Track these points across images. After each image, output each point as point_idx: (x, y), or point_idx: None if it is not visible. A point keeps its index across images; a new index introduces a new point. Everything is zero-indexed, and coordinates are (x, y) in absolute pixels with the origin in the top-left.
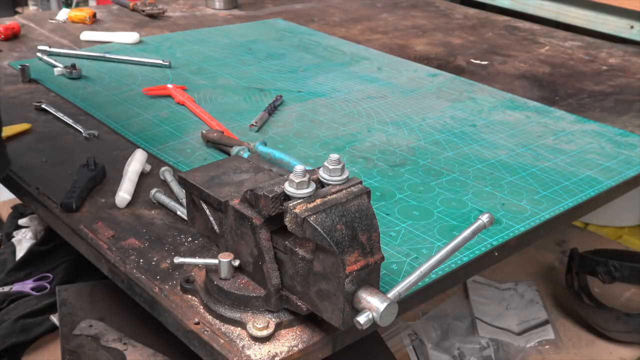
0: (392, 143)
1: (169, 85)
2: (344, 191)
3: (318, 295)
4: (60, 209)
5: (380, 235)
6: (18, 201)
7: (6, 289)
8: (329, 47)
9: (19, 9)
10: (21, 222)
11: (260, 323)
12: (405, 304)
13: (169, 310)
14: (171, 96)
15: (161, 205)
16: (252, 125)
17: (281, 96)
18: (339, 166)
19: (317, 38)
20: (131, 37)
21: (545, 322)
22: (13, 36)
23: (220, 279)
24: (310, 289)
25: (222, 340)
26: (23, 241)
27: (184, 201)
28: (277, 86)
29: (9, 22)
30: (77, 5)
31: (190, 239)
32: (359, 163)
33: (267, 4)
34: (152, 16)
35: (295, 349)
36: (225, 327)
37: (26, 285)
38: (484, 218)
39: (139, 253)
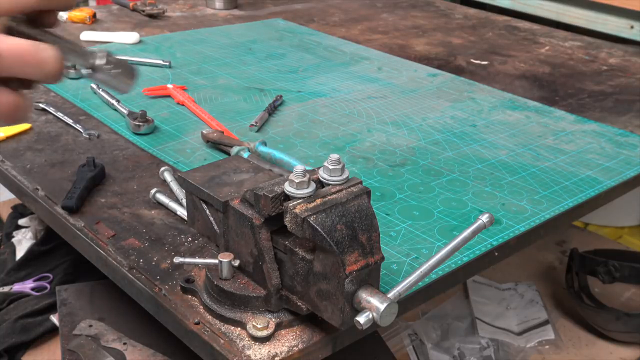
0: (392, 143)
1: (169, 85)
2: (344, 191)
3: (318, 295)
4: (60, 209)
5: (380, 235)
6: (18, 201)
7: (6, 289)
8: (329, 47)
9: None
10: (21, 222)
11: (260, 323)
12: (405, 304)
13: (169, 310)
14: (171, 96)
15: (161, 205)
16: (252, 125)
17: (281, 96)
18: (339, 166)
19: (317, 38)
20: (131, 37)
21: (545, 322)
22: None
23: (221, 279)
24: (310, 289)
25: (222, 341)
26: (23, 241)
27: (184, 201)
28: (277, 86)
29: None
30: (77, 5)
31: (190, 239)
32: (359, 163)
33: (267, 4)
34: (152, 16)
35: (295, 349)
36: (225, 327)
37: (26, 285)
38: (484, 218)
39: (139, 253)
